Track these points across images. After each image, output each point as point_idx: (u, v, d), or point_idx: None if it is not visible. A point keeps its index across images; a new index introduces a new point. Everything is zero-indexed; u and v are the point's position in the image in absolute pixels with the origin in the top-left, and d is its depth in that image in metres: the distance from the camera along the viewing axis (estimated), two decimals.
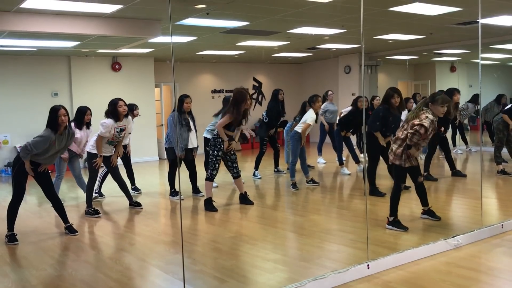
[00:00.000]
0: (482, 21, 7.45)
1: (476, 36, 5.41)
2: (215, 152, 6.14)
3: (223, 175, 8.47)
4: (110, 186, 7.57)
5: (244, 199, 6.47)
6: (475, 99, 10.35)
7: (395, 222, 4.92)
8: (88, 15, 6.97)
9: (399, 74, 16.57)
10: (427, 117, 4.67)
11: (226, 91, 14.11)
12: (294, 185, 7.34)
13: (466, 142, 11.31)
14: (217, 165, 6.18)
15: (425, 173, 7.42)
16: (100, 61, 11.69)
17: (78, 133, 6.42)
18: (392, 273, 3.76)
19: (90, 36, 8.05)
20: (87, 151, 6.39)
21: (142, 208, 6.51)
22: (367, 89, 12.99)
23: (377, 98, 9.11)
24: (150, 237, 5.16)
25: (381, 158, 6.59)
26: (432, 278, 3.64)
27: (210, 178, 6.23)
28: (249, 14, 7.32)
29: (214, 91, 14.06)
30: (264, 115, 8.45)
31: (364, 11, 4.65)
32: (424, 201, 5.25)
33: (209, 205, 6.19)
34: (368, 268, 3.74)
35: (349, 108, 8.94)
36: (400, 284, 3.53)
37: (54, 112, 4.96)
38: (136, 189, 7.70)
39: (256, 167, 8.58)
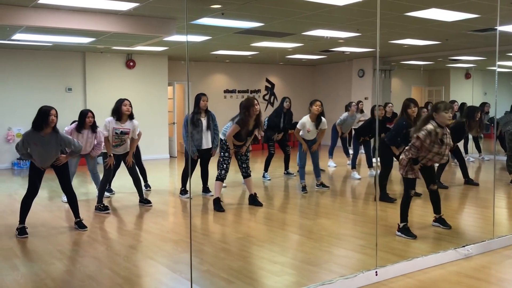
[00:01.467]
0: (500, 28, 7.36)
1: (492, 43, 5.37)
2: (225, 153, 6.18)
3: (234, 175, 8.48)
4: (120, 183, 7.62)
5: (254, 200, 6.47)
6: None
7: (404, 229, 4.88)
8: (104, 12, 7.01)
9: (413, 80, 16.47)
10: (425, 129, 4.67)
11: (239, 92, 14.13)
12: (303, 188, 7.31)
13: (479, 150, 11.20)
14: (225, 166, 6.21)
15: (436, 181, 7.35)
16: (115, 58, 11.77)
17: (80, 136, 6.38)
18: (400, 280, 3.72)
19: (106, 33, 8.11)
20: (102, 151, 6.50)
21: (151, 206, 6.53)
22: (380, 93, 12.92)
23: (390, 105, 9.06)
24: (159, 235, 5.18)
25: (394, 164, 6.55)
26: (441, 287, 3.60)
27: (219, 178, 6.24)
28: (264, 15, 7.31)
29: (226, 91, 14.08)
30: (265, 121, 8.48)
31: (380, 15, 4.61)
32: (436, 208, 5.21)
33: (217, 205, 6.20)
34: (376, 274, 3.71)
35: (366, 117, 9.00)
36: None
37: (44, 112, 4.91)
38: (147, 186, 7.74)
39: (266, 169, 8.59)
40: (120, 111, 6.17)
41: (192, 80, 13.22)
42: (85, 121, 6.42)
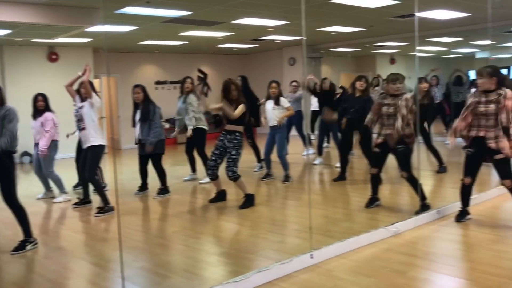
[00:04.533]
0: (419, 14, 7.68)
1: (413, 29, 5.58)
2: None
3: (177, 170, 8.31)
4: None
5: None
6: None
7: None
8: (20, 2, 6.58)
9: (341, 66, 16.90)
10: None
11: (170, 83, 13.85)
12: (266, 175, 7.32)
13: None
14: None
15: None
16: (35, 51, 11.12)
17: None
18: (334, 261, 3.81)
19: (23, 25, 7.61)
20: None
21: (91, 204, 6.20)
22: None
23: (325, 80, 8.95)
24: (90, 234, 4.98)
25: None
26: (373, 265, 3.72)
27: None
28: (191, 3, 7.17)
29: (158, 82, 13.76)
30: None
31: (306, 3, 4.65)
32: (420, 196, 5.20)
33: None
34: (312, 257, 3.77)
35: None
36: (342, 273, 3.58)
37: None
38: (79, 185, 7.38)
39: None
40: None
41: (120, 72, 12.79)
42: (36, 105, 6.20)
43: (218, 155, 5.70)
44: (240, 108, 5.55)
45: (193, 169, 7.60)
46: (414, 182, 5.08)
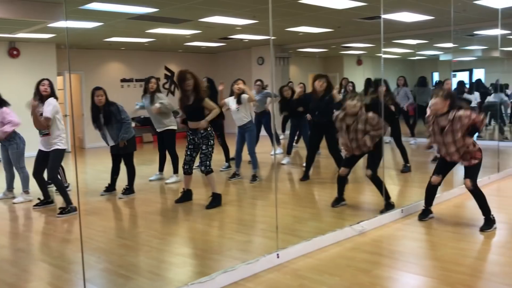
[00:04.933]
0: (385, 16, 7.81)
1: (379, 30, 5.65)
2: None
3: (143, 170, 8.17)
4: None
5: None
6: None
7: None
8: None
9: (309, 67, 17.02)
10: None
11: (136, 80, 13.63)
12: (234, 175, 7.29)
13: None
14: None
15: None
16: None
17: None
18: (301, 261, 3.81)
19: None
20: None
21: (54, 205, 6.00)
22: (279, 81, 13.16)
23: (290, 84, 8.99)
24: (52, 236, 4.83)
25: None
26: (338, 264, 3.75)
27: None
28: (157, 0, 7.06)
29: (123, 80, 13.52)
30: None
31: (274, 3, 4.64)
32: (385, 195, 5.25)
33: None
34: (278, 257, 3.76)
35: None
36: (308, 272, 3.59)
37: None
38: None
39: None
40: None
41: (85, 69, 12.50)
42: None
43: (193, 149, 5.71)
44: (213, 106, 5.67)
45: (161, 169, 7.49)
46: (378, 182, 5.15)
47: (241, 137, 7.12)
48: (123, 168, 6.44)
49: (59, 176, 5.83)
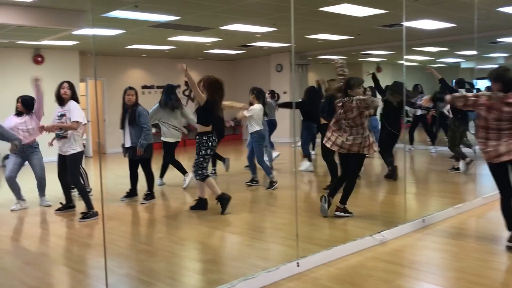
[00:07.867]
0: (406, 24, 7.76)
1: (400, 38, 5.63)
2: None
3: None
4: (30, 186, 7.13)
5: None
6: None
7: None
8: (6, 3, 6.49)
9: (329, 74, 16.91)
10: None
11: (157, 87, 13.78)
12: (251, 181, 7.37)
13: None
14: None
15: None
16: (21, 53, 10.98)
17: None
18: (321, 270, 3.80)
19: (8, 26, 7.52)
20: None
21: (75, 209, 6.11)
22: (298, 87, 13.16)
23: None
24: (74, 240, 4.89)
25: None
26: (359, 273, 3.72)
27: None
28: (179, 8, 7.15)
29: (144, 87, 13.67)
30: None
31: (295, 10, 4.67)
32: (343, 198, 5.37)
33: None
34: (298, 265, 3.75)
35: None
36: (328, 281, 3.57)
37: None
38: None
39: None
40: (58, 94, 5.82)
41: (107, 75, 12.68)
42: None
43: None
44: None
45: (183, 172, 7.49)
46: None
47: (251, 144, 7.30)
48: (142, 173, 6.48)
49: (82, 181, 5.91)
